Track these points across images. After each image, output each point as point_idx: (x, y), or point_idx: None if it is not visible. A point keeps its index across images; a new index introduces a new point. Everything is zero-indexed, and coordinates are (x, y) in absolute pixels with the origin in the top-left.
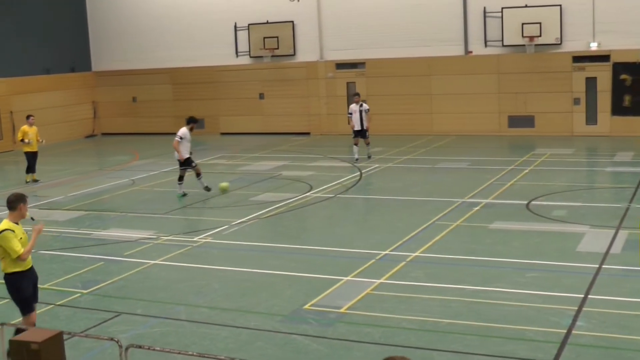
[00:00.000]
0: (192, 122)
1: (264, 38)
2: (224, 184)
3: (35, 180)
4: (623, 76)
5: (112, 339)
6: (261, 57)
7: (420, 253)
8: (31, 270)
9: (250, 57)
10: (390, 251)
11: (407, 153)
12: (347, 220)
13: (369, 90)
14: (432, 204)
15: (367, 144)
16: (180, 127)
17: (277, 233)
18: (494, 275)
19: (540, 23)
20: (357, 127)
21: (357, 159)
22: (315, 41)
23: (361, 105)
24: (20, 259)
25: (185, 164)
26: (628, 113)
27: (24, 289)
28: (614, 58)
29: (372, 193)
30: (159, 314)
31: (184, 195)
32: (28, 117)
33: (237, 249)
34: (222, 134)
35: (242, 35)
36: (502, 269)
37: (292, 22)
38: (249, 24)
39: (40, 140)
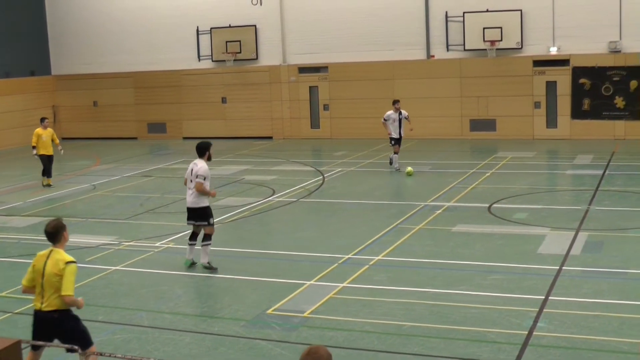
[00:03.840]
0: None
1: (227, 42)
2: (409, 169)
3: (49, 185)
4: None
5: (72, 347)
6: (223, 61)
7: (383, 257)
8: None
9: (213, 61)
10: (353, 255)
11: (370, 157)
12: (310, 224)
13: (332, 94)
14: (394, 207)
15: (396, 153)
16: (143, 131)
17: (240, 238)
18: (457, 278)
19: (501, 28)
20: (396, 135)
21: (397, 169)
22: (277, 45)
23: (400, 113)
24: (66, 300)
25: (394, 141)
26: (587, 117)
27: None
28: (574, 62)
29: (335, 197)
30: (121, 320)
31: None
32: (42, 119)
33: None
34: (185, 138)
35: (205, 39)
36: (465, 271)
37: (255, 26)
38: (211, 28)
39: (59, 149)
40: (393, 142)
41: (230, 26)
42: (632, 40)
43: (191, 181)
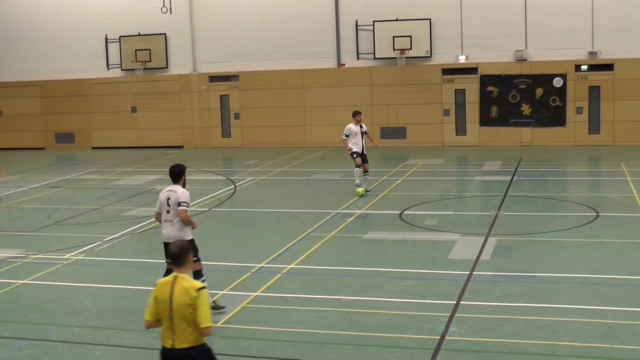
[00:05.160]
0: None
1: (136, 50)
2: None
3: None
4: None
5: None
6: (133, 69)
7: (295, 265)
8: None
9: (122, 69)
10: (265, 264)
11: (282, 165)
12: (222, 233)
13: (243, 103)
14: (307, 215)
15: (366, 172)
16: (50, 142)
17: (152, 248)
18: (369, 284)
19: (410, 36)
20: (358, 149)
21: (359, 184)
22: (188, 54)
23: (361, 126)
24: (206, 332)
25: (356, 154)
26: (495, 124)
27: None
28: (482, 71)
29: (247, 206)
30: (28, 335)
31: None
32: None
33: (110, 265)
34: (94, 148)
35: (113, 48)
36: (377, 278)
37: (165, 34)
38: (120, 36)
39: None
40: (355, 155)
41: (139, 34)
42: (537, 49)
43: (168, 212)
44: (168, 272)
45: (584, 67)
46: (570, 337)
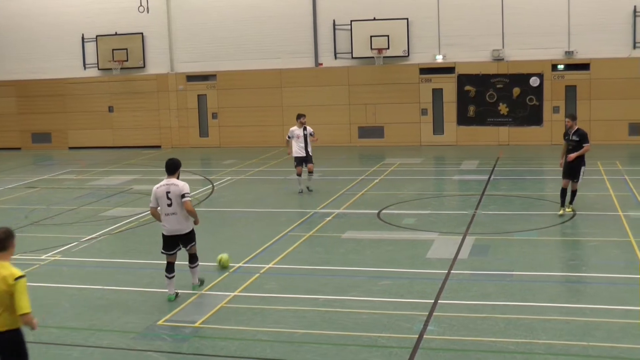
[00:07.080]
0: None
1: (113, 50)
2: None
3: None
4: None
5: None
6: (110, 69)
7: (274, 264)
8: None
9: (99, 69)
10: (243, 263)
11: (260, 165)
12: (200, 233)
13: (220, 102)
14: (285, 215)
15: (311, 172)
16: (27, 142)
17: (129, 248)
18: (348, 284)
19: (388, 36)
20: (302, 154)
21: (301, 191)
22: (165, 53)
23: (305, 129)
24: (25, 319)
25: (297, 161)
26: (473, 123)
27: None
28: (459, 70)
29: (225, 205)
30: None
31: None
32: None
33: (87, 266)
34: (71, 148)
35: (90, 47)
36: (355, 277)
37: (142, 33)
38: (96, 36)
39: None
40: (297, 162)
41: (116, 34)
42: (514, 49)
43: (169, 205)
44: (169, 265)
45: (561, 67)
46: (547, 335)
